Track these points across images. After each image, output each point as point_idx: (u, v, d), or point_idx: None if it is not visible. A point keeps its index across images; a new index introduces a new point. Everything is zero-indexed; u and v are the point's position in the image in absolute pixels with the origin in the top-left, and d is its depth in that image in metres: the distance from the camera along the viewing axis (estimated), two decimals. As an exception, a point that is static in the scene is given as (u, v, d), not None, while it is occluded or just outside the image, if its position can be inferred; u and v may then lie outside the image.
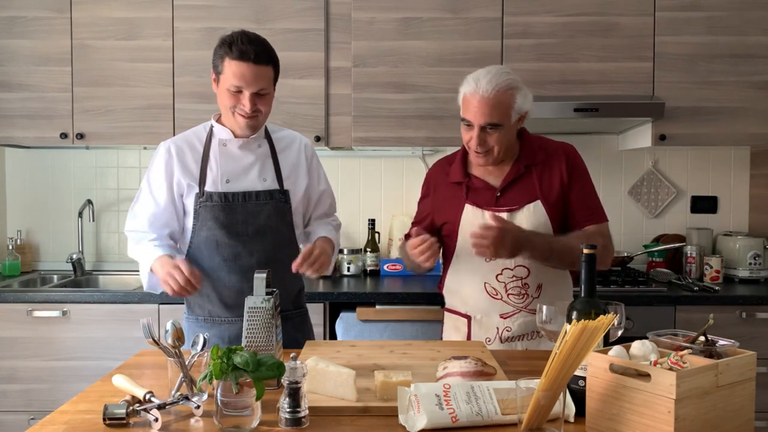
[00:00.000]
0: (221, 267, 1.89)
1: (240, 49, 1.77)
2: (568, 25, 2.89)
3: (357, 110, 2.93)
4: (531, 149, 1.94)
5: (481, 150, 1.86)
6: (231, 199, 1.87)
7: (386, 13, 2.91)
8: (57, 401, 2.59)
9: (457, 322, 1.99)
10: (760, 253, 2.99)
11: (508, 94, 1.83)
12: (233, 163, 1.90)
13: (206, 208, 1.87)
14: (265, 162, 1.93)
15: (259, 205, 1.89)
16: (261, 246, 1.89)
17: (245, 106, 1.81)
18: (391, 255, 3.24)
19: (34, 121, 2.96)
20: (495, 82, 1.81)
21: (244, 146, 1.91)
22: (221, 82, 1.82)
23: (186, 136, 1.96)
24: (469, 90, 1.85)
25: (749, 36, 2.87)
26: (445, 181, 2.01)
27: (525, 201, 1.89)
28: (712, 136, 2.90)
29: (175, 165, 1.89)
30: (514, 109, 1.85)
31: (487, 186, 1.93)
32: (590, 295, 1.32)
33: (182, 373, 1.38)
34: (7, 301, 2.70)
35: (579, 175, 1.93)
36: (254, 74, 1.79)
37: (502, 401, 1.23)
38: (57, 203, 3.36)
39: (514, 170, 1.92)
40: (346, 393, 1.33)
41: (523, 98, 1.87)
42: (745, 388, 1.18)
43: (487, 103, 1.81)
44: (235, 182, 1.89)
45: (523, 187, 1.91)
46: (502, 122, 1.83)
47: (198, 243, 1.90)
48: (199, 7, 2.93)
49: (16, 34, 2.95)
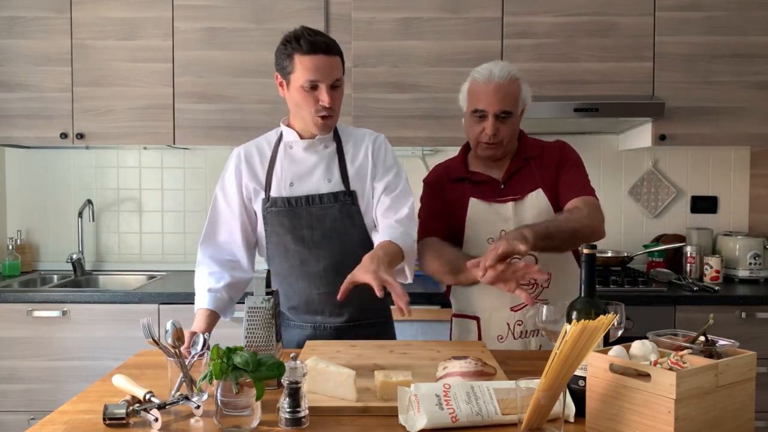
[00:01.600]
0: (290, 273, 1.86)
1: (310, 41, 1.72)
2: (568, 25, 2.89)
3: (357, 110, 2.93)
4: (528, 144, 1.99)
5: (495, 140, 1.88)
6: (294, 203, 1.82)
7: (386, 13, 2.91)
8: (57, 401, 2.58)
9: (467, 326, 1.96)
10: (760, 253, 2.99)
11: (517, 84, 1.90)
12: (297, 166, 1.85)
13: (272, 214, 1.84)
14: (331, 162, 1.85)
15: (323, 209, 1.82)
16: (327, 251, 1.82)
17: (324, 101, 1.74)
18: (391, 255, 3.24)
19: (34, 121, 2.96)
20: (506, 70, 1.88)
21: (309, 147, 1.85)
22: (293, 82, 1.76)
23: (257, 141, 1.93)
24: (482, 79, 1.88)
25: (749, 36, 2.87)
26: (446, 181, 2.01)
27: (528, 190, 1.91)
28: (712, 136, 2.90)
29: (244, 169, 1.86)
30: (521, 99, 1.91)
31: (489, 179, 1.95)
32: (590, 295, 1.32)
33: (182, 373, 1.38)
34: (7, 301, 2.70)
35: (568, 158, 1.96)
36: (328, 65, 1.73)
37: (502, 401, 1.23)
38: (57, 203, 3.36)
39: (515, 163, 1.95)
40: (346, 393, 1.33)
41: (526, 90, 1.94)
42: (745, 388, 1.18)
43: (502, 90, 1.85)
44: (298, 185, 1.83)
45: (524, 177, 1.93)
46: (513, 110, 1.88)
47: (271, 249, 1.88)
48: (199, 7, 2.93)
49: (16, 34, 2.95)
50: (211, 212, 1.91)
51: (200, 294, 1.82)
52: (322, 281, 1.84)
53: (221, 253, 1.88)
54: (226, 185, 1.90)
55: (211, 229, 1.89)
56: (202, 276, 1.85)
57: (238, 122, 2.92)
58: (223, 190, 1.90)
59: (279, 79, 1.82)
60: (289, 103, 1.83)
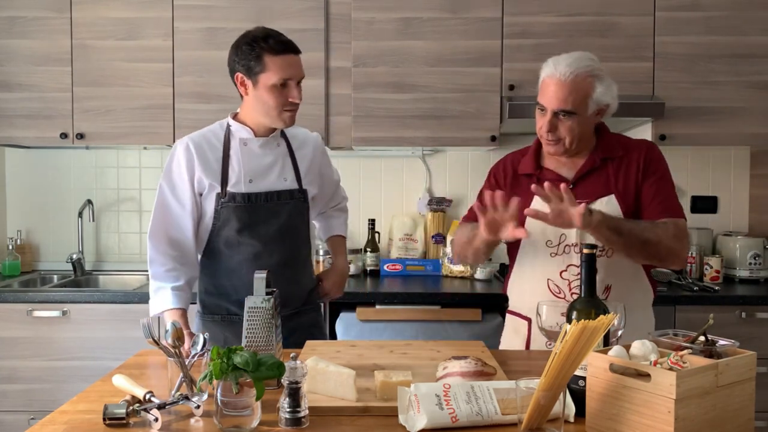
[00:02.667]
0: (240, 266, 1.88)
1: (280, 41, 1.80)
2: (568, 25, 2.89)
3: (357, 110, 2.93)
4: (608, 143, 1.86)
5: (551, 137, 1.79)
6: (254, 199, 1.87)
7: (386, 13, 2.91)
8: (57, 401, 2.58)
9: (518, 324, 1.92)
10: (760, 253, 2.99)
11: (587, 82, 1.76)
12: (255, 163, 1.89)
13: (228, 209, 1.86)
14: (285, 161, 1.94)
15: (280, 205, 1.90)
16: (281, 246, 1.91)
17: (294, 97, 1.82)
18: (391, 255, 3.24)
19: (34, 121, 2.96)
20: (575, 66, 1.75)
21: (265, 145, 1.91)
22: (262, 81, 1.81)
23: (203, 134, 1.93)
24: (547, 73, 1.79)
25: (749, 36, 2.87)
26: (513, 174, 1.93)
27: (598, 194, 1.79)
28: (712, 136, 2.90)
29: (196, 163, 1.86)
30: (592, 99, 1.77)
31: (559, 178, 1.83)
32: (590, 295, 1.32)
33: (182, 373, 1.38)
34: (7, 301, 2.70)
35: (655, 167, 1.82)
36: (297, 63, 1.83)
37: (502, 401, 1.23)
38: (57, 203, 3.36)
39: (590, 162, 1.83)
40: (346, 393, 1.33)
41: (605, 89, 1.78)
42: (745, 388, 1.18)
43: (563, 88, 1.74)
44: (257, 182, 1.89)
45: (597, 180, 1.82)
46: (577, 110, 1.75)
47: (217, 243, 1.90)
48: (199, 7, 2.93)
49: (16, 34, 2.95)
50: (158, 206, 1.89)
51: (165, 294, 1.83)
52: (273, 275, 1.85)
53: (173, 249, 1.88)
54: (174, 178, 1.88)
55: (159, 224, 1.88)
56: (160, 274, 1.85)
57: (238, 122, 2.92)
58: (171, 183, 1.88)
59: (242, 78, 1.85)
60: (253, 101, 1.86)
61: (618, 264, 1.79)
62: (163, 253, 1.87)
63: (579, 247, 1.78)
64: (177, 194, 1.87)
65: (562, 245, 1.82)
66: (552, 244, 1.83)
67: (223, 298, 1.93)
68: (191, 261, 1.91)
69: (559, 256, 1.81)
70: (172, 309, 1.81)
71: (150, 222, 1.89)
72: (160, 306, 1.82)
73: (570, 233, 1.80)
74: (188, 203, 1.87)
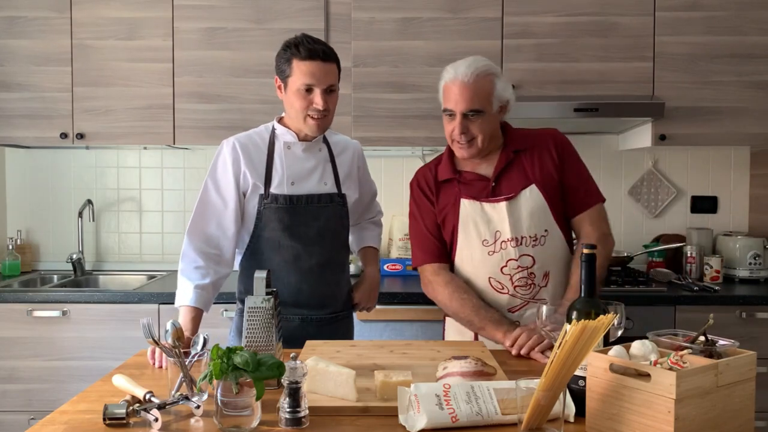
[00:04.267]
0: (281, 268, 1.91)
1: (308, 48, 1.82)
2: (568, 25, 2.89)
3: (357, 110, 2.93)
4: (516, 137, 1.93)
5: (464, 140, 1.84)
6: (295, 201, 1.91)
7: (386, 13, 2.91)
8: (57, 401, 2.59)
9: (461, 327, 1.94)
10: (760, 253, 2.99)
11: (488, 80, 1.83)
12: (297, 166, 1.94)
13: (270, 210, 1.90)
14: (326, 166, 1.98)
15: (320, 208, 1.94)
16: (320, 248, 1.94)
17: (318, 104, 1.84)
18: (391, 255, 3.24)
19: (34, 121, 2.96)
20: (474, 67, 1.82)
21: (308, 149, 1.96)
22: (290, 85, 1.86)
23: (248, 135, 1.97)
24: (448, 77, 1.84)
25: (749, 36, 2.87)
26: (435, 182, 1.97)
27: (520, 187, 1.87)
28: (712, 136, 2.90)
29: (243, 162, 1.90)
30: (495, 96, 1.84)
31: (479, 178, 1.91)
32: (590, 295, 1.32)
33: (182, 373, 1.38)
34: (7, 301, 2.70)
35: (568, 156, 1.91)
36: (324, 71, 1.84)
37: (502, 401, 1.23)
38: (57, 203, 3.36)
39: (504, 157, 1.89)
40: (346, 393, 1.33)
41: (503, 86, 1.86)
42: (745, 388, 1.18)
43: (468, 89, 1.80)
44: (299, 185, 1.92)
45: (515, 173, 1.88)
46: (484, 108, 1.82)
47: (258, 244, 1.92)
48: (199, 7, 2.93)
49: (16, 34, 2.95)
50: (201, 203, 1.91)
51: (186, 289, 1.83)
52: (313, 276, 1.93)
53: (208, 247, 1.89)
54: (219, 176, 1.91)
55: (199, 221, 1.90)
56: (188, 270, 1.86)
57: (238, 122, 2.92)
58: (216, 181, 1.91)
59: (278, 82, 1.91)
60: (286, 104, 1.92)
61: (551, 251, 1.87)
62: (196, 250, 1.87)
63: (515, 241, 1.84)
64: (221, 191, 1.90)
65: (498, 242, 1.86)
66: (488, 243, 1.87)
67: None
68: (227, 260, 1.92)
69: (497, 253, 1.86)
70: (188, 306, 1.80)
71: (190, 219, 1.90)
72: (180, 300, 1.83)
73: (504, 229, 1.85)
74: (232, 201, 1.89)
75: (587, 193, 1.92)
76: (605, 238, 1.90)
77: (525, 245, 1.84)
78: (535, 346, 1.70)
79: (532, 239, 1.85)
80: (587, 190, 1.92)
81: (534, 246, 1.84)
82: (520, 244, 1.84)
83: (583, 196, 1.91)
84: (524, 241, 1.84)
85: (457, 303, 1.88)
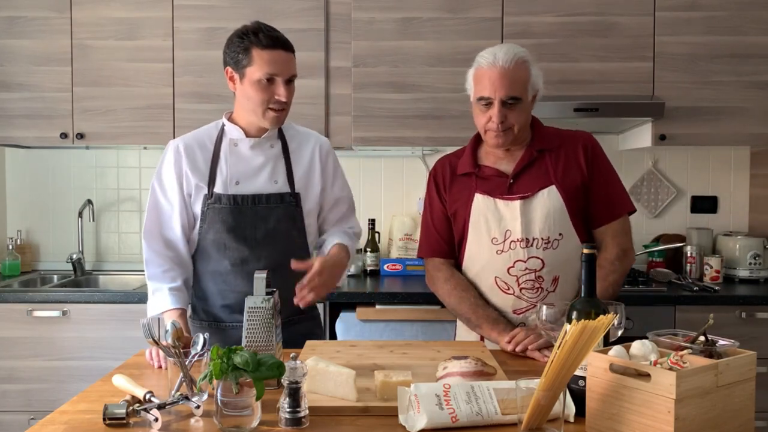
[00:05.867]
0: (228, 271, 1.85)
1: (270, 36, 1.74)
2: (568, 25, 2.89)
3: (357, 110, 2.93)
4: (544, 135, 1.88)
5: (502, 128, 1.77)
6: (240, 201, 1.82)
7: (386, 13, 2.91)
8: (57, 401, 2.59)
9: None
10: (760, 253, 2.99)
11: (525, 67, 1.79)
12: (243, 164, 1.85)
13: (214, 210, 1.83)
14: (277, 163, 1.88)
15: (268, 209, 1.84)
16: (269, 251, 1.84)
17: (280, 95, 1.76)
18: (391, 255, 3.24)
19: (34, 121, 2.96)
20: (513, 53, 1.77)
21: (256, 146, 1.86)
22: (248, 76, 1.76)
23: (196, 135, 1.91)
24: (485, 64, 1.77)
25: (749, 36, 2.87)
26: (451, 175, 1.93)
27: (538, 187, 1.80)
28: (712, 136, 2.90)
29: (185, 163, 1.84)
30: (531, 84, 1.79)
31: (498, 174, 1.85)
32: (590, 295, 1.32)
33: (182, 373, 1.38)
34: (7, 301, 2.70)
35: (598, 163, 1.85)
36: (285, 60, 1.76)
37: (502, 401, 1.23)
38: (57, 203, 3.36)
39: (527, 155, 1.83)
40: (346, 393, 1.33)
41: (537, 74, 1.82)
42: (745, 388, 1.18)
43: (508, 75, 1.75)
44: (244, 184, 1.84)
45: (536, 172, 1.82)
46: (522, 96, 1.77)
47: (205, 245, 1.86)
48: (199, 7, 2.93)
49: (16, 34, 2.95)
50: (151, 206, 1.87)
51: (161, 295, 1.80)
52: None
53: (167, 249, 1.86)
54: (164, 178, 1.86)
55: (153, 224, 1.86)
56: (157, 275, 1.83)
57: (238, 122, 2.92)
58: (161, 183, 1.87)
59: (231, 72, 1.81)
60: (240, 97, 1.82)
61: (563, 256, 1.81)
62: (158, 254, 1.84)
63: (524, 242, 1.80)
64: (166, 194, 1.86)
65: (507, 241, 1.82)
66: (497, 242, 1.83)
67: (209, 303, 1.89)
68: (185, 262, 1.88)
69: (505, 252, 1.82)
70: (171, 309, 1.78)
71: (144, 222, 1.88)
72: (158, 307, 1.80)
73: (515, 229, 1.81)
74: (177, 203, 1.84)
75: (612, 205, 1.85)
76: (624, 255, 1.84)
77: (535, 247, 1.79)
78: (532, 343, 1.69)
79: (543, 241, 1.79)
80: (612, 201, 1.85)
81: (545, 249, 1.79)
82: (530, 245, 1.79)
83: (607, 207, 1.84)
84: (534, 243, 1.79)
85: (456, 300, 1.87)
